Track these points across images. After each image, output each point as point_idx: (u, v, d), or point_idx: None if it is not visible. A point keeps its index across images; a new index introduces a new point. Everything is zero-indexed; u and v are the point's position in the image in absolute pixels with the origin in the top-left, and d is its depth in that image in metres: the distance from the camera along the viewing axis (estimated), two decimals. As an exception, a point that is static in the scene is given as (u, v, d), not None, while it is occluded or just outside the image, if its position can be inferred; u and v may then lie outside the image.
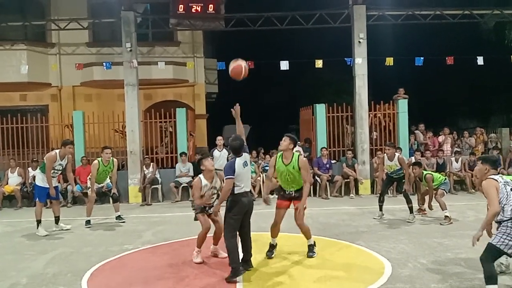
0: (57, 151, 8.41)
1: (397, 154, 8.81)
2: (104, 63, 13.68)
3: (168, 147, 13.82)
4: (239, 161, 5.39)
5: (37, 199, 8.44)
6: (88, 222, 8.98)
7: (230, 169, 5.30)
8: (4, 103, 15.26)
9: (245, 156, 5.51)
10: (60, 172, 8.56)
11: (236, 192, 5.35)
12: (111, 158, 9.06)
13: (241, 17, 13.47)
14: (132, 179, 12.54)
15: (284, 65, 13.36)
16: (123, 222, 9.28)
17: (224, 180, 5.36)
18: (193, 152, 13.74)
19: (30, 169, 12.35)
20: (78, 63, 14.07)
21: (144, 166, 12.61)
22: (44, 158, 8.46)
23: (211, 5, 13.09)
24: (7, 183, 12.13)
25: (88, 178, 9.41)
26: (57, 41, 15.60)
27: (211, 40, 18.91)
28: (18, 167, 12.47)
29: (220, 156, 10.84)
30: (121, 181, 12.54)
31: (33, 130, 13.53)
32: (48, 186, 8.24)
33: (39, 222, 8.32)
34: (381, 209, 8.93)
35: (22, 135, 13.40)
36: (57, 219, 8.71)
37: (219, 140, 11.23)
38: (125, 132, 13.00)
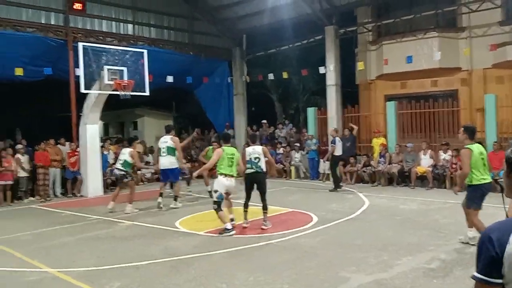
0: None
1: None
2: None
3: None
4: None
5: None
6: None
7: None
8: (417, 89, 16.57)
9: None
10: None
11: None
12: None
13: None
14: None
15: None
16: None
17: None
18: None
19: (441, 152, 12.97)
20: (491, 44, 13.51)
21: None
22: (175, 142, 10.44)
23: None
24: (419, 164, 13.16)
25: None
26: (468, 25, 15.44)
27: None
28: (429, 150, 13.25)
29: None
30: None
31: (443, 114, 14.07)
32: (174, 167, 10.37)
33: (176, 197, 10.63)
34: None
35: (433, 119, 14.17)
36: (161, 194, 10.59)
37: None
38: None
